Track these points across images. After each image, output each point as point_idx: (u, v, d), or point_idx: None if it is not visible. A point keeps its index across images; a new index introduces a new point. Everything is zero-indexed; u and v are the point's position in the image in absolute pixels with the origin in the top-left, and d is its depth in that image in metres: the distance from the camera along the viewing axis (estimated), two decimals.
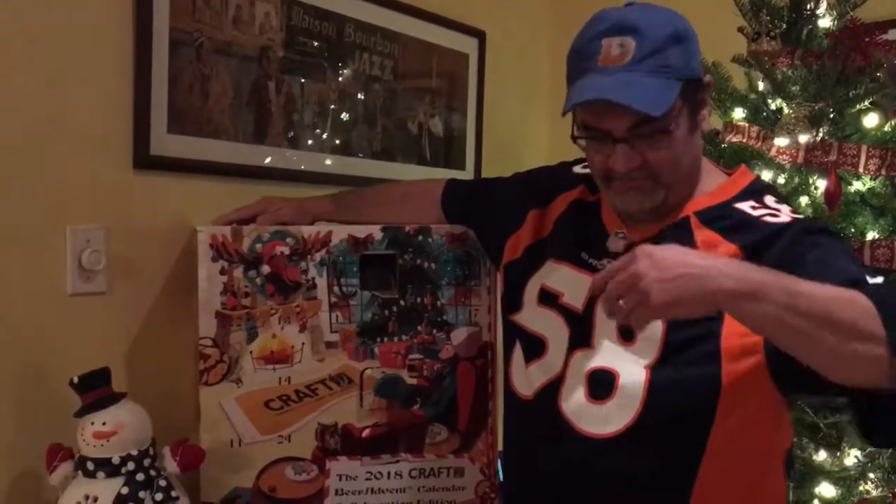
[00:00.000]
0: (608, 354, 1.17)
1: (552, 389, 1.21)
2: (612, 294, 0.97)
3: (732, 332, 1.08)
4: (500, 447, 1.51)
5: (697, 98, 1.16)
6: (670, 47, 1.10)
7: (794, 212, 1.19)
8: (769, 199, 1.20)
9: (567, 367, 1.21)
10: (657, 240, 1.19)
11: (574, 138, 1.18)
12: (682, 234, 1.17)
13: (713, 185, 1.23)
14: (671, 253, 0.96)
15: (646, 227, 1.21)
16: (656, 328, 1.12)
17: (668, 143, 1.12)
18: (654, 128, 1.10)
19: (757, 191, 1.22)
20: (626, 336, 1.16)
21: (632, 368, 1.14)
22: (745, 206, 1.18)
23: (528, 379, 1.26)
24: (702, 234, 1.17)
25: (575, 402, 1.18)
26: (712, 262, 0.95)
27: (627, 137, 1.11)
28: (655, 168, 1.14)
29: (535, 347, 1.27)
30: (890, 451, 1.66)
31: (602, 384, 1.16)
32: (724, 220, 1.17)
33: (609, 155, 1.14)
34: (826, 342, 0.92)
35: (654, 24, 1.10)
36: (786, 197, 1.57)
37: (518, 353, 1.30)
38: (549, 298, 1.27)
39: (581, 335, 1.21)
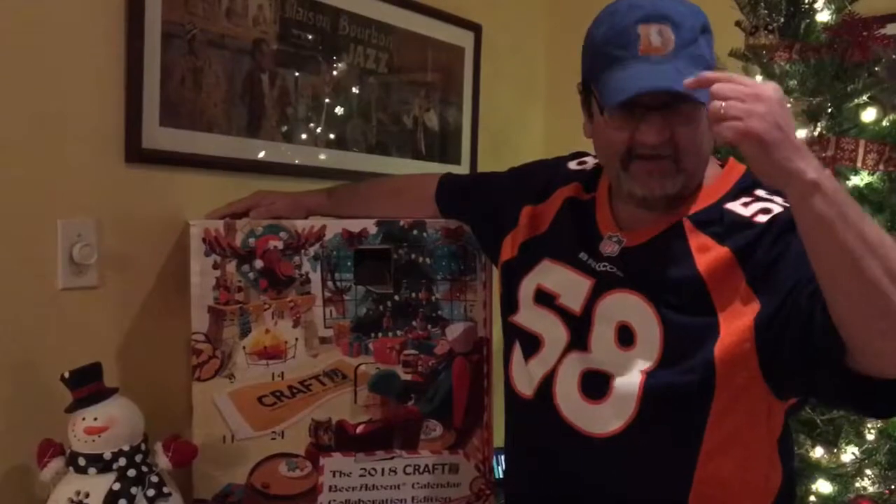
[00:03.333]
0: (604, 358, 1.17)
1: (547, 386, 1.22)
2: (724, 92, 0.94)
3: (727, 341, 1.09)
4: (495, 444, 1.51)
5: None
6: (700, 37, 1.12)
7: (786, 201, 1.17)
8: (760, 192, 1.18)
9: (560, 364, 1.21)
10: (652, 245, 1.18)
11: (600, 111, 1.15)
12: (676, 240, 1.17)
13: (706, 184, 1.22)
14: (788, 114, 0.94)
15: (640, 231, 1.21)
16: (654, 333, 1.12)
17: (697, 120, 1.11)
18: (689, 100, 1.09)
19: (747, 187, 1.20)
20: (625, 341, 1.16)
21: (628, 372, 1.14)
22: (736, 205, 1.17)
23: (528, 376, 1.26)
24: (696, 238, 1.16)
25: (571, 400, 1.19)
26: (809, 154, 0.94)
27: (660, 107, 1.11)
28: (681, 147, 1.12)
29: (531, 345, 1.26)
30: (887, 447, 1.66)
31: (595, 385, 1.17)
32: (715, 224, 1.16)
33: (636, 129, 1.12)
34: (870, 273, 0.89)
35: (686, 13, 1.12)
36: None
37: (517, 352, 1.30)
38: (545, 298, 1.27)
39: (579, 338, 1.21)
